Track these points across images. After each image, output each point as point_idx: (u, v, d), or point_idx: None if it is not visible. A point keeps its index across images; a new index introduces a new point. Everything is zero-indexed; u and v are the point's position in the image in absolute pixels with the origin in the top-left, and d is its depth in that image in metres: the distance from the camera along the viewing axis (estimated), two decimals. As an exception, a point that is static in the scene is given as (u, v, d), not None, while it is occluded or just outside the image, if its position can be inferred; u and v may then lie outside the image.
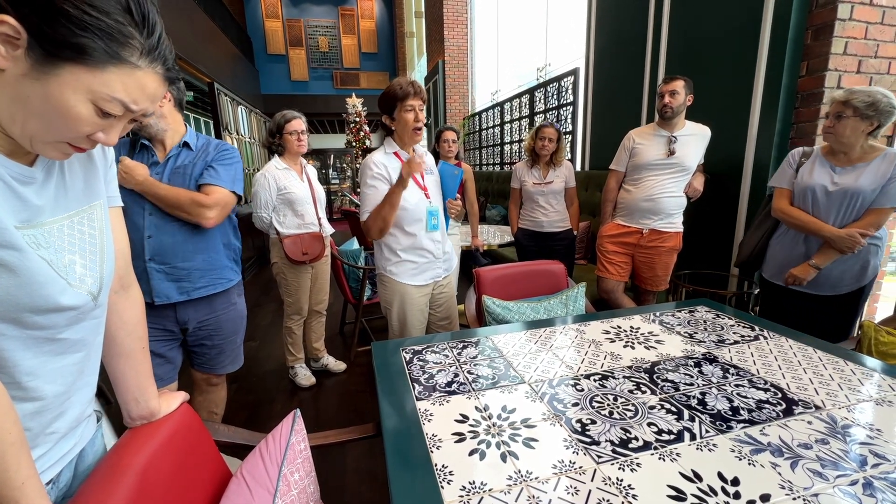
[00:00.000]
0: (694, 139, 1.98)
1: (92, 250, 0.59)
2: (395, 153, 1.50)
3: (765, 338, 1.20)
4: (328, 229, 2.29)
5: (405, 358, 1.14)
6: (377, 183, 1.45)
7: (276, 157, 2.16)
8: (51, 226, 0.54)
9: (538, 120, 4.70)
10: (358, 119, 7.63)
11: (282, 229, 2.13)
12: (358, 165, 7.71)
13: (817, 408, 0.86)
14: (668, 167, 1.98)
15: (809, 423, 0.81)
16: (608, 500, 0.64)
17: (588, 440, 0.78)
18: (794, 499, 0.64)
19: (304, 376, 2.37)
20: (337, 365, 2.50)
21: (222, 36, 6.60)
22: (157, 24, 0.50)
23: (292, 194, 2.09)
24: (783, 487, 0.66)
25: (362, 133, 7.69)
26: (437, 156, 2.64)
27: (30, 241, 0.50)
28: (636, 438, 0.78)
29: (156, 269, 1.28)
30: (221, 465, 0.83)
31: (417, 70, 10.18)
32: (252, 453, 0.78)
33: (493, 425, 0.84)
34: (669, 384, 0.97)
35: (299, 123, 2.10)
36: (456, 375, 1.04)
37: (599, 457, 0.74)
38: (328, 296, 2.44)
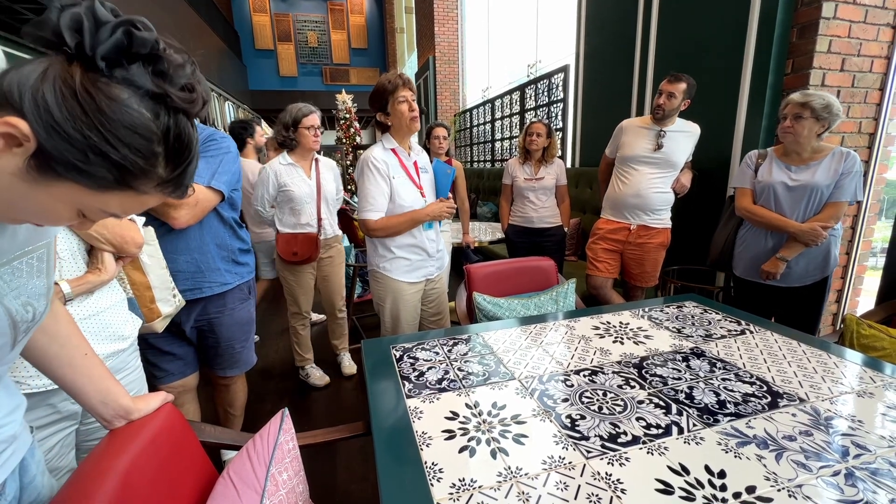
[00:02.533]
0: (683, 136, 2.00)
1: (39, 290, 0.54)
2: (394, 150, 1.49)
3: (751, 332, 1.22)
4: (329, 231, 2.16)
5: (395, 356, 1.14)
6: (377, 178, 1.44)
7: (284, 153, 2.05)
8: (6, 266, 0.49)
9: (529, 117, 4.71)
10: (348, 116, 7.56)
11: (279, 226, 2.08)
12: (348, 162, 7.65)
13: (801, 400, 0.87)
14: (655, 162, 2.00)
15: (794, 415, 0.83)
16: (597, 495, 0.65)
17: (577, 435, 0.78)
18: (779, 490, 0.64)
19: (318, 376, 2.32)
20: (350, 367, 2.45)
21: (208, 30, 6.48)
22: (191, 156, 0.43)
23: (291, 192, 2.00)
24: (768, 479, 0.67)
25: (352, 130, 7.63)
26: (427, 152, 2.63)
27: None
28: (625, 433, 0.79)
29: None
30: (208, 466, 0.81)
31: (408, 66, 10.12)
32: (239, 454, 0.77)
33: (484, 422, 0.83)
34: (658, 379, 0.98)
35: (316, 118, 2.01)
36: (446, 373, 1.03)
37: (589, 452, 0.74)
38: (342, 298, 2.38)
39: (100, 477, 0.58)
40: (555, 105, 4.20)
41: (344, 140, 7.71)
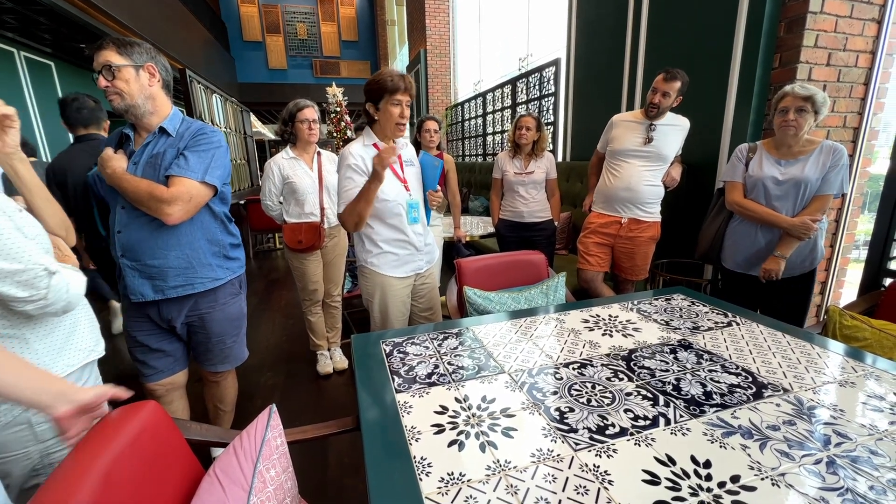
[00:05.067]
0: (672, 130, 2.01)
1: None
2: (374, 144, 1.46)
3: (737, 324, 1.23)
4: (333, 220, 2.26)
5: (385, 350, 1.13)
6: (354, 175, 1.41)
7: (287, 147, 2.18)
8: None
9: (520, 110, 4.70)
10: (339, 109, 7.47)
11: (286, 217, 2.19)
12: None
13: (785, 390, 0.89)
14: (644, 156, 2.01)
15: (778, 405, 0.84)
16: (584, 487, 0.65)
17: (566, 428, 0.79)
18: (763, 479, 0.65)
19: (322, 364, 2.40)
20: (341, 362, 2.48)
21: (194, 20, 6.33)
22: None
23: (294, 184, 2.11)
24: (752, 468, 0.68)
25: (343, 123, 7.54)
26: (418, 146, 2.61)
27: None
28: (613, 425, 0.79)
29: (128, 266, 1.23)
30: (194, 463, 0.80)
31: (399, 59, 10.02)
32: (225, 451, 0.76)
33: (473, 416, 0.83)
34: (646, 371, 0.98)
35: (311, 112, 2.11)
36: (436, 367, 1.03)
37: (577, 444, 0.74)
38: (338, 287, 2.44)
39: (79, 476, 0.57)
40: (546, 99, 4.19)
41: (335, 133, 7.62)
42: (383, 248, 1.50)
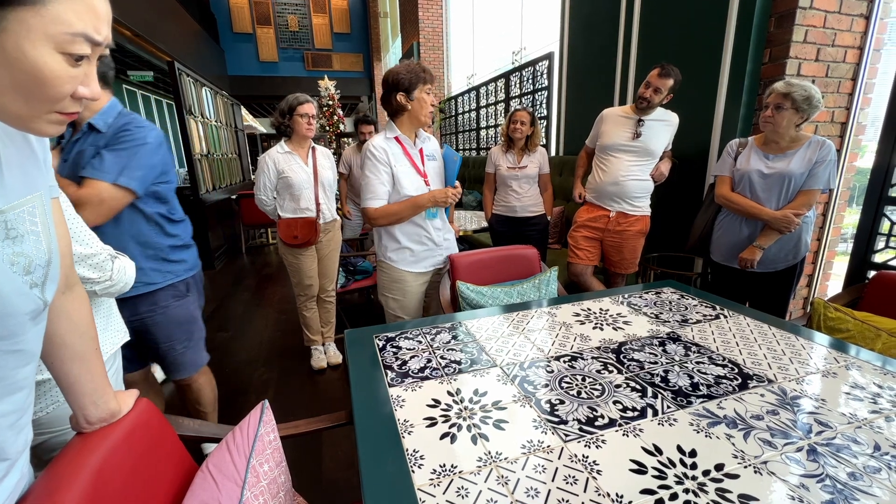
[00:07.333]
0: (661, 125, 2.02)
1: (37, 248, 0.51)
2: (397, 138, 1.48)
3: (725, 316, 1.25)
4: (328, 216, 2.27)
5: (378, 345, 1.14)
6: (381, 166, 1.43)
7: (282, 141, 2.17)
8: None
9: (514, 104, 4.69)
10: (331, 103, 7.39)
11: (281, 212, 2.18)
12: (331, 151, 7.51)
13: (770, 381, 0.91)
14: (633, 150, 2.02)
15: (762, 395, 0.86)
16: (574, 477, 0.66)
17: (556, 420, 0.80)
18: (746, 467, 0.67)
19: (316, 359, 2.40)
20: (335, 356, 2.48)
21: (182, 11, 6.21)
22: None
23: (289, 178, 2.11)
24: (736, 457, 0.69)
25: (336, 117, 7.47)
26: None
27: None
28: (602, 416, 0.81)
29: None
30: (187, 459, 0.80)
31: (392, 52, 9.92)
32: (218, 446, 0.76)
33: (465, 409, 0.84)
34: (635, 363, 1.00)
35: (311, 107, 2.13)
36: (429, 361, 1.04)
37: (567, 435, 0.76)
38: (332, 282, 2.44)
39: (71, 475, 0.57)
40: (539, 93, 4.19)
41: (327, 128, 7.55)
42: (402, 244, 1.52)
